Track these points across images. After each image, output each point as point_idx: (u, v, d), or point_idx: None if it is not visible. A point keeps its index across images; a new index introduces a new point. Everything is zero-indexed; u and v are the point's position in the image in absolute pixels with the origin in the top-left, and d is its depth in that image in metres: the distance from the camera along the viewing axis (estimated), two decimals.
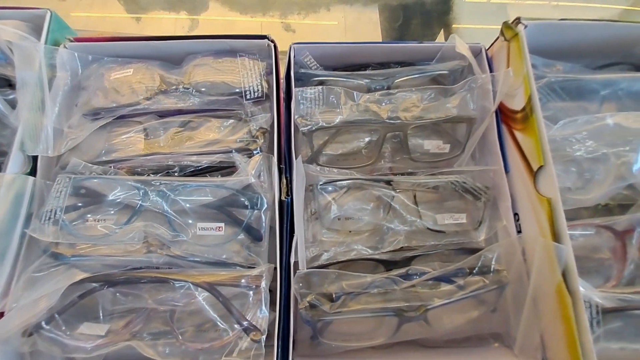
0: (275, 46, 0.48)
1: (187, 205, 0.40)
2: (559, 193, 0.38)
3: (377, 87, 0.51)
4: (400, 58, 0.54)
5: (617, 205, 0.47)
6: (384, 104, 0.48)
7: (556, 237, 0.38)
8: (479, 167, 0.47)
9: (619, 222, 0.43)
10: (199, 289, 0.36)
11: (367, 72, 0.52)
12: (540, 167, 0.41)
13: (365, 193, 0.46)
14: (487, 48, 0.52)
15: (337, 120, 0.46)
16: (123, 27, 0.78)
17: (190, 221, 0.39)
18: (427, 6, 0.75)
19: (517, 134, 0.45)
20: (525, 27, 0.46)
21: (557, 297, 0.37)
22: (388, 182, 0.45)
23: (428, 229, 0.45)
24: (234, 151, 0.42)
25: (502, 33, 0.48)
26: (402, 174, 0.48)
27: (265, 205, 0.42)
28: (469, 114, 0.48)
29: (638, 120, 0.43)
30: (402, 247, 0.45)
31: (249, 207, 0.41)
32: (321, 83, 0.52)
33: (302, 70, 0.51)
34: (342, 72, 0.52)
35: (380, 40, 0.51)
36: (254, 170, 0.41)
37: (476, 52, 0.51)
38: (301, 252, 0.43)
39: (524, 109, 0.43)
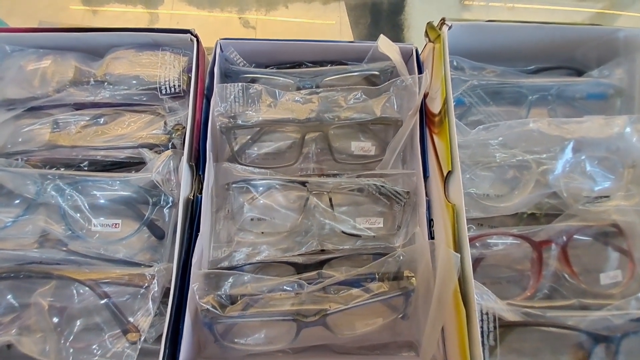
0: (198, 41, 0.47)
1: (87, 200, 0.39)
2: (463, 200, 0.37)
3: (306, 85, 0.50)
4: (334, 57, 0.53)
5: (543, 214, 0.46)
6: (306, 103, 0.47)
7: (457, 244, 0.37)
8: (397, 171, 0.46)
9: (537, 232, 0.42)
10: (85, 287, 0.35)
11: (297, 70, 0.51)
12: (449, 173, 0.39)
13: (280, 194, 0.45)
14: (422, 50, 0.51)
15: (255, 119, 0.45)
16: (79, 21, 0.77)
17: (87, 217, 0.38)
18: (384, 5, 0.74)
19: (435, 138, 0.43)
20: (450, 28, 0.44)
21: (454, 306, 0.36)
22: (303, 184, 0.44)
23: (343, 232, 0.44)
24: (139, 146, 0.41)
25: (426, 34, 0.46)
26: (328, 175, 0.47)
27: (170, 203, 0.41)
28: (394, 115, 0.47)
29: (559, 126, 0.42)
30: (316, 251, 0.44)
31: (152, 204, 0.40)
32: (253, 80, 0.52)
33: (233, 67, 0.51)
34: (271, 70, 0.51)
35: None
36: (161, 167, 0.41)
37: (408, 54, 0.50)
38: (205, 252, 0.42)
39: (440, 113, 0.42)
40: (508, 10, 0.67)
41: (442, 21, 0.45)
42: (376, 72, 0.50)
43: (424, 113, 0.47)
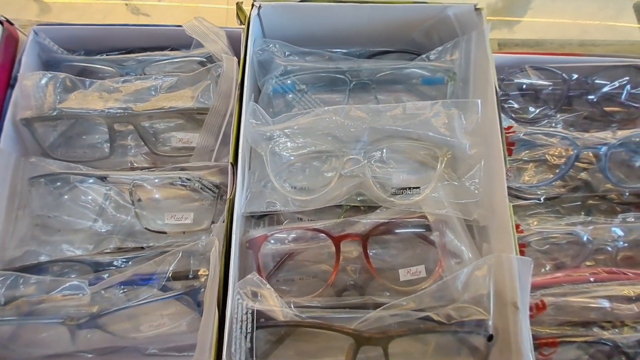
0: (4, 29, 0.44)
1: None
2: (238, 193, 0.35)
3: (130, 73, 0.47)
4: (168, 43, 0.50)
5: (367, 207, 0.44)
6: (113, 92, 0.44)
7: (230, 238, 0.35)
8: (205, 163, 0.43)
9: (342, 225, 0.39)
10: None
11: (121, 57, 0.48)
12: (232, 165, 0.37)
13: (79, 190, 0.42)
14: None
15: (54, 111, 0.43)
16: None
17: None
18: None
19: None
20: (260, 9, 0.41)
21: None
22: (103, 179, 0.42)
23: (147, 229, 0.42)
24: None
25: (237, 16, 0.43)
26: (141, 170, 0.45)
27: None
28: (207, 104, 0.44)
29: (363, 114, 0.39)
30: (123, 250, 0.42)
31: None
32: (83, 70, 0.49)
33: (54, 55, 0.48)
34: (91, 57, 0.48)
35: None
36: None
37: (237, 37, 0.47)
38: None
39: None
40: None
41: (253, 1, 0.42)
42: (203, 59, 0.47)
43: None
